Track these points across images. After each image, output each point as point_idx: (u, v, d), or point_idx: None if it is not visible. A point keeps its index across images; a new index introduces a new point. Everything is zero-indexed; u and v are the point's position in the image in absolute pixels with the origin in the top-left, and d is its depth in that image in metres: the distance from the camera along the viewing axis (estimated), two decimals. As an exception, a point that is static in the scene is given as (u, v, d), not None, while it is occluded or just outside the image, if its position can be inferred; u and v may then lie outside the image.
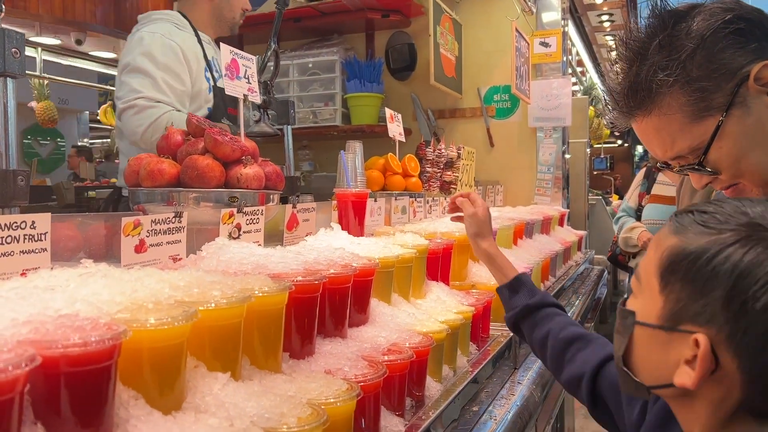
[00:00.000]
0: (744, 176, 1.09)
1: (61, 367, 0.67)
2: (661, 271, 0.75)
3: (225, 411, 0.81)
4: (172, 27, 2.53)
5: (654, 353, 0.75)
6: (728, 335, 0.68)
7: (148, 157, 1.76)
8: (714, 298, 0.69)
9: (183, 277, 0.95)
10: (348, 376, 1.05)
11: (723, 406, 0.70)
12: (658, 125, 1.09)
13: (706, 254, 0.70)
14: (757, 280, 0.66)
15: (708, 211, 0.74)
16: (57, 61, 6.91)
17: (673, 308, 0.73)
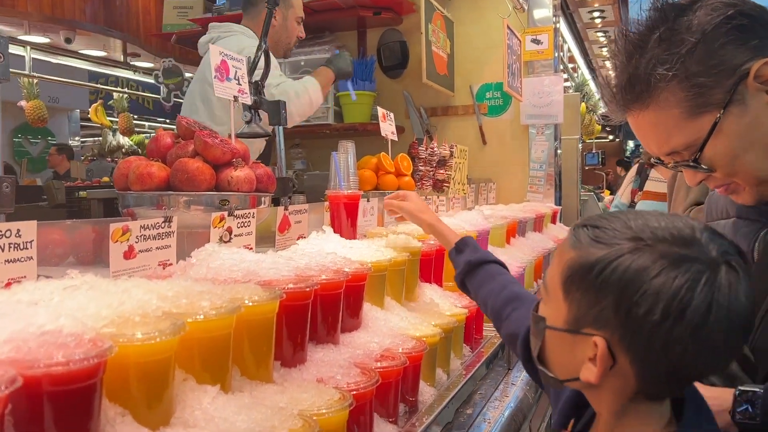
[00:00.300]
0: (738, 175, 1.08)
1: (44, 386, 0.65)
2: (563, 281, 0.83)
3: (215, 425, 0.80)
4: (253, 44, 2.83)
5: (563, 352, 0.85)
6: (620, 337, 0.77)
7: (137, 160, 1.74)
8: (606, 305, 0.77)
9: (171, 288, 0.93)
10: (340, 385, 1.04)
11: (623, 393, 0.81)
12: (654, 120, 1.07)
13: (597, 266, 0.78)
14: (639, 289, 0.75)
15: (600, 226, 0.82)
16: (46, 59, 6.85)
17: (575, 314, 0.81)
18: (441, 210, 3.20)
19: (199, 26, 4.47)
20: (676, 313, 0.73)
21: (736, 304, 0.75)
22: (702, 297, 0.74)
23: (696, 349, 0.75)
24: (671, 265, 0.75)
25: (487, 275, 1.40)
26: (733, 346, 0.79)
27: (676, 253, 0.76)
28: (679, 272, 0.74)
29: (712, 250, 0.77)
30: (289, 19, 3.13)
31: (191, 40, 4.81)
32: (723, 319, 0.74)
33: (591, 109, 9.68)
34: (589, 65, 8.85)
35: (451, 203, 3.46)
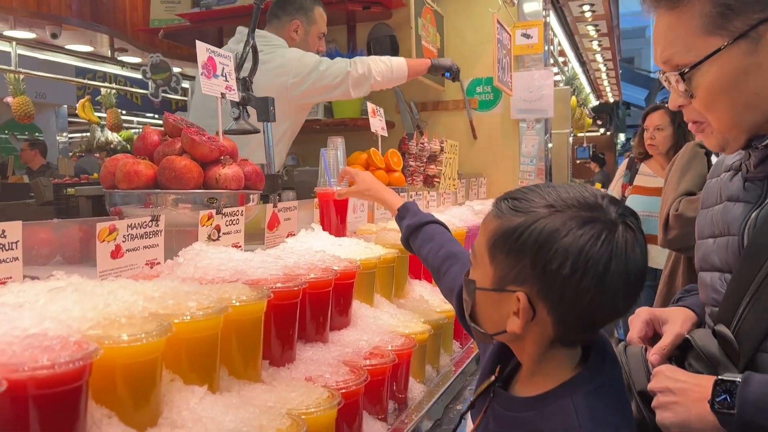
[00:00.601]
0: (712, 113, 1.07)
1: (29, 389, 0.65)
2: (488, 248, 0.94)
3: (202, 426, 0.80)
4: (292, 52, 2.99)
5: (491, 310, 0.96)
6: (538, 290, 0.89)
7: (124, 158, 1.72)
8: (525, 264, 0.89)
9: (158, 288, 0.93)
10: (329, 383, 1.04)
11: (542, 341, 0.93)
12: (671, 24, 1.06)
13: (516, 231, 0.90)
14: (551, 248, 0.87)
15: (518, 198, 0.94)
16: (32, 55, 6.78)
17: (500, 275, 0.93)
18: (432, 205, 3.20)
19: (187, 21, 4.44)
20: (582, 266, 0.85)
21: (632, 256, 0.87)
22: (603, 251, 0.86)
23: (601, 297, 0.87)
24: (577, 226, 0.87)
25: (426, 236, 1.50)
26: (631, 294, 0.90)
27: (582, 216, 0.88)
28: (584, 231, 0.86)
29: (612, 213, 0.89)
30: (311, 34, 3.20)
31: (179, 34, 4.78)
32: (622, 269, 0.86)
33: (581, 103, 9.71)
34: (579, 59, 8.86)
35: (442, 198, 3.47)
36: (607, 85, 11.73)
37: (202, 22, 4.47)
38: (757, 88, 1.02)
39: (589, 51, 8.54)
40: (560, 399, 0.91)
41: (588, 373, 0.93)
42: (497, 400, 0.99)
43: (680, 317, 1.23)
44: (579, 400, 0.90)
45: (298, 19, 3.14)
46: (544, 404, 0.92)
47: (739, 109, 1.05)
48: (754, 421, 0.94)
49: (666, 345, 1.17)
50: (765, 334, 1.01)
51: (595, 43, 8.00)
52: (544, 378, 0.94)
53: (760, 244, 1.04)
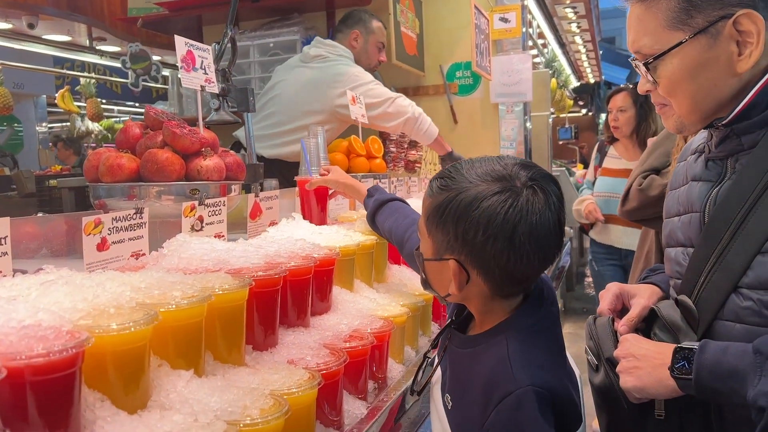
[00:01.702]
0: (675, 98, 1.14)
1: (26, 376, 0.70)
2: (425, 223, 1.07)
3: (189, 407, 0.86)
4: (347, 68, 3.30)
5: (437, 276, 1.08)
6: (465, 256, 1.01)
7: (107, 152, 1.76)
8: (451, 235, 1.01)
9: (144, 279, 0.98)
10: (310, 365, 1.10)
11: (483, 297, 1.05)
12: (642, 15, 1.13)
13: (441, 207, 1.02)
14: (467, 219, 0.99)
15: (444, 176, 1.05)
16: (9, 45, 6.70)
17: (436, 246, 1.06)
18: (413, 191, 3.25)
19: (166, 10, 4.42)
20: (492, 233, 0.97)
21: (538, 217, 0.98)
22: (509, 216, 0.97)
23: (515, 258, 0.98)
24: (487, 198, 0.98)
25: (392, 209, 1.63)
26: (545, 252, 1.01)
27: (491, 188, 0.99)
28: (492, 201, 0.98)
29: (518, 180, 1.00)
30: (370, 44, 3.49)
31: (158, 23, 4.76)
32: (528, 230, 0.97)
33: (562, 85, 9.77)
34: (558, 41, 8.90)
35: (423, 184, 3.52)
36: (588, 66, 11.79)
37: (181, 11, 4.45)
38: (714, 79, 1.10)
39: (569, 33, 8.58)
40: (497, 336, 1.04)
41: (521, 314, 1.06)
42: (453, 340, 1.13)
43: (647, 292, 1.31)
44: (512, 336, 1.03)
45: (357, 30, 3.46)
46: (484, 341, 1.06)
47: (698, 97, 1.12)
48: (709, 385, 1.01)
49: (634, 316, 1.25)
50: (722, 303, 1.08)
51: (574, 25, 8.05)
52: (490, 323, 1.07)
53: (719, 219, 1.11)
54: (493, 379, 0.99)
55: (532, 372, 0.97)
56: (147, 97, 9.46)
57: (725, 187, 1.14)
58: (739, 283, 1.05)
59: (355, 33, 3.45)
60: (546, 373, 0.99)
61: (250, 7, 4.38)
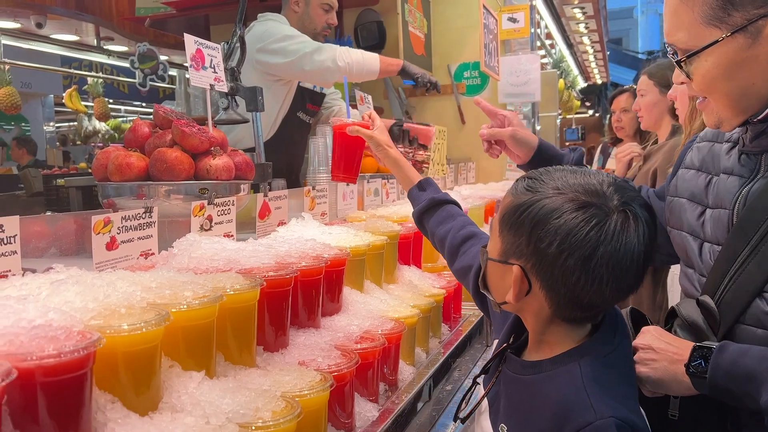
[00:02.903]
0: (711, 95, 1.11)
1: (37, 377, 0.69)
2: (500, 221, 1.01)
3: (201, 409, 0.84)
4: (286, 24, 3.07)
5: (498, 279, 1.02)
6: (532, 265, 0.95)
7: (116, 151, 1.75)
8: (522, 240, 0.95)
9: (155, 279, 0.96)
10: (321, 367, 1.09)
11: (540, 315, 0.99)
12: (676, 8, 1.08)
13: (520, 208, 0.96)
14: (545, 226, 0.92)
15: (533, 177, 0.99)
16: (17, 45, 6.72)
17: (504, 247, 0.99)
18: (420, 191, 3.23)
19: (173, 9, 4.42)
20: (569, 246, 0.91)
21: (623, 245, 0.91)
22: (591, 235, 0.90)
23: (586, 280, 0.91)
24: (573, 210, 0.92)
25: (447, 214, 1.50)
26: (622, 282, 0.93)
27: (580, 200, 0.92)
28: (576, 215, 0.91)
29: (613, 201, 0.93)
30: (312, 5, 3.19)
31: (166, 23, 4.76)
32: (609, 256, 0.90)
33: (569, 85, 9.75)
34: (566, 41, 8.88)
35: (431, 184, 3.50)
36: (595, 66, 11.76)
37: (188, 10, 4.45)
38: (752, 78, 1.06)
39: (576, 33, 8.56)
40: (567, 363, 0.96)
41: (596, 342, 0.98)
42: (508, 364, 1.05)
43: None
44: (586, 365, 0.94)
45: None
46: (552, 367, 0.97)
47: (734, 96, 1.08)
48: (723, 386, 1.00)
49: None
50: (745, 307, 1.05)
51: (582, 25, 8.03)
52: (550, 347, 0.99)
53: (749, 220, 1.08)
54: (566, 408, 0.92)
55: (612, 403, 0.91)
56: (154, 96, 9.49)
57: (757, 187, 1.10)
58: (764, 288, 1.03)
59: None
60: (626, 407, 0.93)
61: (258, 7, 4.37)
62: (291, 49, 2.93)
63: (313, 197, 2.05)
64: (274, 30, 2.99)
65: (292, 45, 2.94)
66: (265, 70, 2.96)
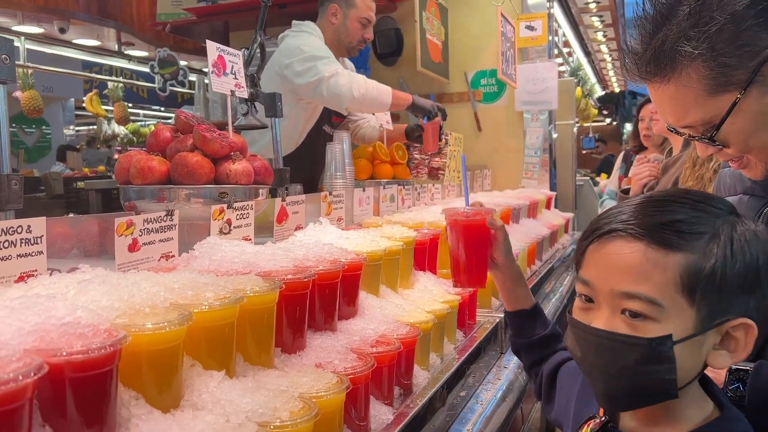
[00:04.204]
0: (751, 152, 1.10)
1: (66, 372, 0.71)
2: (684, 290, 0.83)
3: (221, 407, 0.86)
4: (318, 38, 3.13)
5: (689, 358, 0.85)
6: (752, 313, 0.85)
7: (138, 154, 1.78)
8: (739, 293, 0.84)
9: (177, 280, 0.99)
10: (338, 369, 1.10)
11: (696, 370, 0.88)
12: (673, 94, 1.08)
13: (717, 262, 0.83)
14: (759, 268, 0.86)
15: (682, 220, 0.86)
16: (40, 49, 6.85)
17: (707, 313, 0.84)
18: (436, 198, 3.25)
19: (193, 15, 4.49)
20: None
21: None
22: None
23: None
24: (752, 232, 0.87)
25: (554, 353, 1.28)
26: None
27: (745, 224, 0.88)
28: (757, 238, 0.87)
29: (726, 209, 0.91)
30: (350, 18, 3.20)
31: (186, 29, 4.83)
32: None
33: (587, 93, 9.70)
34: (584, 49, 8.85)
35: (447, 191, 3.52)
36: (613, 75, 11.70)
37: (208, 17, 4.52)
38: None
39: (594, 41, 8.53)
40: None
41: (731, 411, 0.89)
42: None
43: None
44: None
45: (336, 3, 3.19)
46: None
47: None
48: (762, 408, 0.98)
49: None
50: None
51: (600, 33, 7.99)
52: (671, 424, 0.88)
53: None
54: None
55: None
56: (172, 101, 9.61)
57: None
58: None
59: (333, 7, 3.19)
60: None
61: (277, 14, 4.43)
62: (312, 72, 2.95)
63: (329, 202, 2.07)
64: (304, 47, 3.01)
65: (315, 67, 2.95)
66: (289, 87, 3.00)
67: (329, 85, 2.92)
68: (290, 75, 2.99)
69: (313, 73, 2.94)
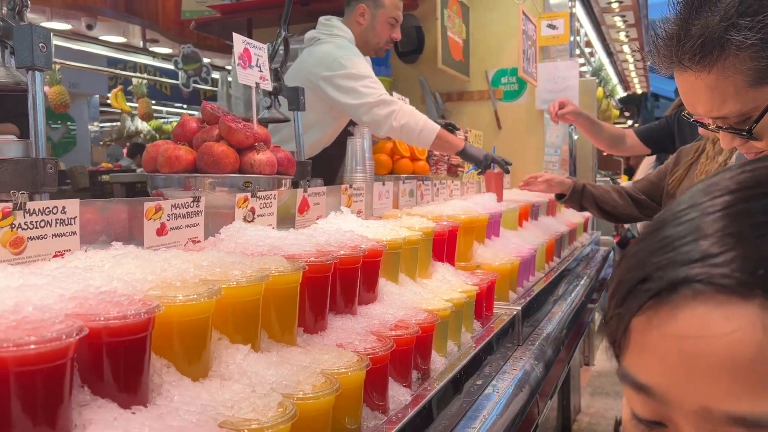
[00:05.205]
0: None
1: (103, 337, 0.75)
2: None
3: (247, 378, 0.90)
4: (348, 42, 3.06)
5: None
6: None
7: (166, 144, 1.84)
8: None
9: (206, 258, 1.03)
10: (358, 349, 1.13)
11: None
12: (713, 84, 1.04)
13: None
14: None
15: None
16: (67, 45, 6.98)
17: None
18: (455, 194, 3.27)
19: (218, 13, 4.56)
20: None
21: None
22: None
23: None
24: None
25: None
26: None
27: None
28: None
29: None
30: (379, 19, 3.14)
31: (209, 26, 4.90)
32: None
33: (608, 94, 9.65)
34: (606, 49, 8.80)
35: (465, 187, 3.53)
36: (635, 76, 11.61)
37: (232, 14, 4.58)
38: None
39: (617, 42, 8.48)
40: None
41: None
42: None
43: None
44: None
45: (364, 4, 3.13)
46: None
47: None
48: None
49: None
50: None
51: (623, 33, 7.95)
52: None
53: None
54: None
55: None
56: (195, 98, 9.72)
57: None
58: None
59: (361, 8, 3.12)
60: None
61: (300, 11, 4.48)
62: (355, 94, 2.88)
63: (350, 195, 2.10)
64: (344, 61, 2.91)
65: (360, 89, 2.88)
66: (321, 97, 2.96)
67: (371, 112, 2.87)
68: (329, 89, 2.92)
69: (356, 96, 2.88)
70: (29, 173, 1.33)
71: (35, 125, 1.38)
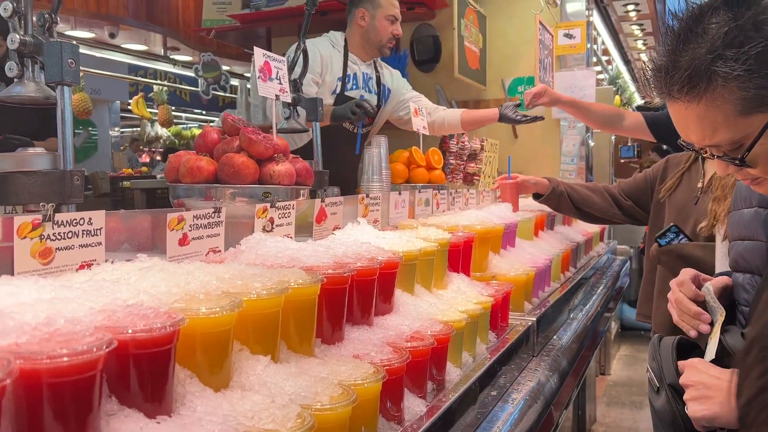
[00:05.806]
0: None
1: (131, 349, 0.78)
2: None
3: (267, 389, 0.93)
4: (328, 43, 3.34)
5: None
6: None
7: (187, 155, 1.88)
8: None
9: (227, 270, 1.06)
10: (374, 361, 1.16)
11: None
12: (702, 113, 1.05)
13: None
14: None
15: None
16: (90, 53, 7.10)
17: None
18: (471, 203, 3.28)
19: (238, 22, 4.62)
20: None
21: None
22: None
23: None
24: None
25: None
26: None
27: None
28: None
29: None
30: (378, 18, 3.33)
31: (229, 34, 4.97)
32: None
33: (625, 102, 9.60)
34: (623, 58, 8.77)
35: (482, 196, 3.54)
36: (653, 83, 11.52)
37: (252, 23, 4.64)
38: None
39: (634, 50, 8.45)
40: None
41: None
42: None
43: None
44: None
45: (362, 7, 3.32)
46: None
47: None
48: None
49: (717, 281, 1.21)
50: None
51: (640, 42, 7.91)
52: None
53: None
54: None
55: None
56: (214, 105, 9.84)
57: None
58: None
59: (361, 11, 3.34)
60: None
61: (319, 21, 4.53)
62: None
63: (366, 204, 2.13)
64: None
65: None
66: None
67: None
68: None
69: None
70: (57, 185, 1.37)
71: (63, 138, 1.42)
